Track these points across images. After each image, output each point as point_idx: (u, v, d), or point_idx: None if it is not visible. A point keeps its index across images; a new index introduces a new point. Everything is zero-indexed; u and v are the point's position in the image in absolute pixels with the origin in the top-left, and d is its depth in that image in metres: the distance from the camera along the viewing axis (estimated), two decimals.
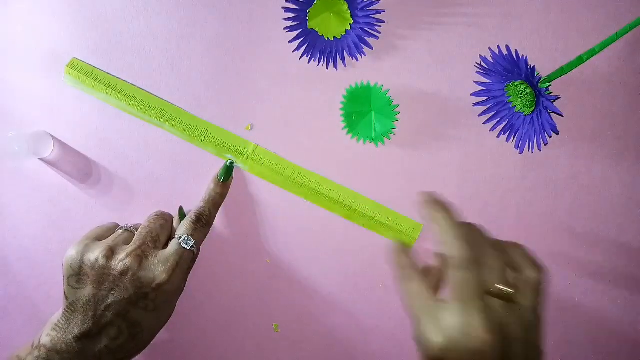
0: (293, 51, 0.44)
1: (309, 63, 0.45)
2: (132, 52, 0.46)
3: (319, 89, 0.45)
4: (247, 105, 0.46)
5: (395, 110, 0.44)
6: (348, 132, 0.44)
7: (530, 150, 0.43)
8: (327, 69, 0.45)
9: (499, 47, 0.41)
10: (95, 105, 0.47)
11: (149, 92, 0.46)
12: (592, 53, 0.41)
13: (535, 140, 0.41)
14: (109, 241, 0.41)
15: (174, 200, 0.47)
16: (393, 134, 0.45)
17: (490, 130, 0.44)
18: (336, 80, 0.45)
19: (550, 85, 0.40)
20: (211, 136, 0.46)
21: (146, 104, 0.46)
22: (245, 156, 0.46)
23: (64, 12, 0.47)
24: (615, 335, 0.45)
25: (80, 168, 0.48)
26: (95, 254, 0.39)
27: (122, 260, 0.38)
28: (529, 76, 0.37)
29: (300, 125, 0.46)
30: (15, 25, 0.47)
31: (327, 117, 0.45)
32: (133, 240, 0.41)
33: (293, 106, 0.46)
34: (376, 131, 0.44)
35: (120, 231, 0.42)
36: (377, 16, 0.42)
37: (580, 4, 0.43)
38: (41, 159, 0.48)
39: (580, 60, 0.40)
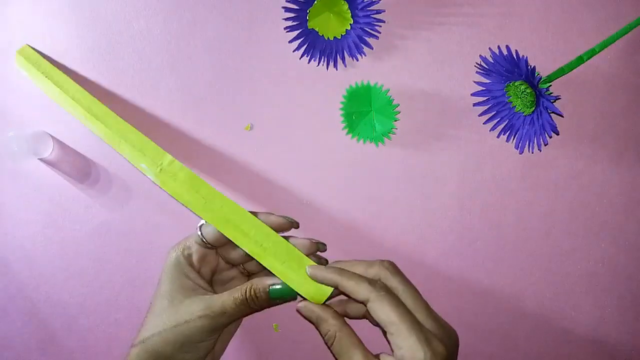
0: (293, 51, 0.44)
1: (309, 63, 0.45)
2: (132, 52, 0.46)
3: (319, 89, 0.45)
4: (247, 105, 0.46)
5: (395, 110, 0.44)
6: (348, 132, 0.44)
7: (530, 150, 0.43)
8: (327, 69, 0.45)
9: (499, 47, 0.41)
10: None
11: (82, 88, 0.44)
12: (592, 53, 0.41)
13: (535, 141, 0.41)
14: None
15: (172, 200, 0.47)
16: (393, 133, 0.45)
17: (490, 130, 0.44)
18: (336, 80, 0.45)
19: (550, 86, 0.40)
20: (130, 140, 0.42)
21: (77, 99, 0.44)
22: (158, 168, 0.41)
23: (64, 12, 0.47)
24: (615, 335, 0.45)
25: (79, 168, 0.48)
26: None
27: None
28: (529, 76, 0.37)
29: (300, 125, 0.46)
30: (15, 25, 0.47)
31: (327, 117, 0.45)
32: None
33: (293, 106, 0.46)
34: (376, 131, 0.44)
35: None
36: (377, 16, 0.42)
37: (580, 4, 0.43)
38: (41, 159, 0.48)
39: (580, 60, 0.40)
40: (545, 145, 0.44)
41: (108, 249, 0.48)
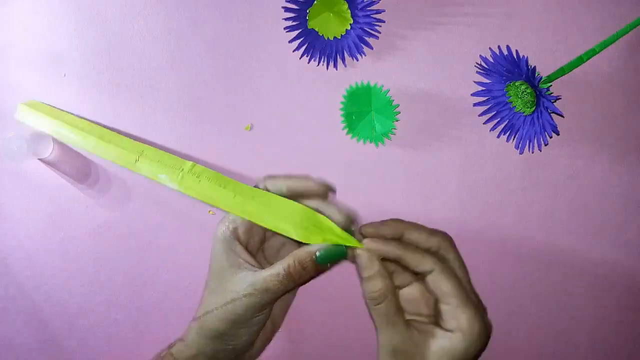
0: (293, 51, 0.44)
1: (309, 63, 0.45)
2: (132, 52, 0.46)
3: (319, 89, 0.45)
4: (247, 105, 0.46)
5: (395, 110, 0.44)
6: (348, 132, 0.44)
7: (531, 150, 0.43)
8: (327, 69, 0.45)
9: (499, 47, 0.41)
10: (92, 107, 0.47)
11: (89, 120, 0.46)
12: (592, 53, 0.41)
13: (535, 141, 0.41)
14: None
15: (172, 201, 0.47)
16: (393, 133, 0.45)
17: (490, 130, 0.44)
18: (336, 80, 0.45)
19: (550, 86, 0.40)
20: (147, 155, 0.43)
21: (87, 131, 0.45)
22: (180, 175, 0.41)
23: (64, 12, 0.47)
24: (615, 336, 0.45)
25: (79, 168, 0.48)
26: None
27: None
28: (530, 77, 0.37)
29: (300, 125, 0.46)
30: (15, 25, 0.47)
31: (327, 117, 0.45)
32: None
33: (293, 106, 0.46)
34: (376, 131, 0.44)
35: None
36: (377, 16, 0.42)
37: (581, 4, 0.43)
38: (40, 160, 0.48)
39: (580, 60, 0.40)
40: (545, 145, 0.44)
41: (108, 249, 0.48)
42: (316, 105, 0.45)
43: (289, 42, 0.44)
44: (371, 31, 0.43)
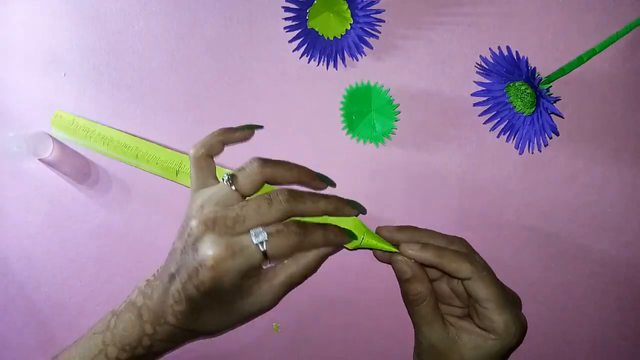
0: (293, 51, 0.44)
1: (308, 63, 0.45)
2: (132, 52, 0.46)
3: (319, 89, 0.45)
4: (247, 105, 0.46)
5: (396, 110, 0.44)
6: (348, 132, 0.44)
7: (530, 150, 0.43)
8: (327, 69, 0.45)
9: (499, 47, 0.41)
10: (92, 106, 0.47)
11: (123, 131, 0.46)
12: (592, 53, 0.41)
13: (535, 141, 0.41)
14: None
15: (172, 201, 0.47)
16: (393, 133, 0.45)
17: (490, 130, 0.44)
18: (336, 80, 0.45)
19: (550, 86, 0.40)
20: (185, 167, 0.44)
21: (122, 144, 0.45)
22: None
23: (64, 12, 0.47)
24: (615, 336, 0.45)
25: (79, 168, 0.48)
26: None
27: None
28: (530, 77, 0.37)
29: (300, 125, 0.46)
30: (15, 25, 0.47)
31: (327, 117, 0.45)
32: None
33: (293, 106, 0.46)
34: (376, 131, 0.44)
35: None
36: (377, 16, 0.42)
37: (580, 4, 0.43)
38: (40, 160, 0.48)
39: (580, 61, 0.40)
40: (545, 145, 0.44)
41: (108, 249, 0.48)
42: (316, 105, 0.45)
43: (289, 42, 0.44)
44: (371, 31, 0.43)
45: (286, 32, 0.43)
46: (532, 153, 0.44)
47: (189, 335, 0.35)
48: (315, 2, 0.42)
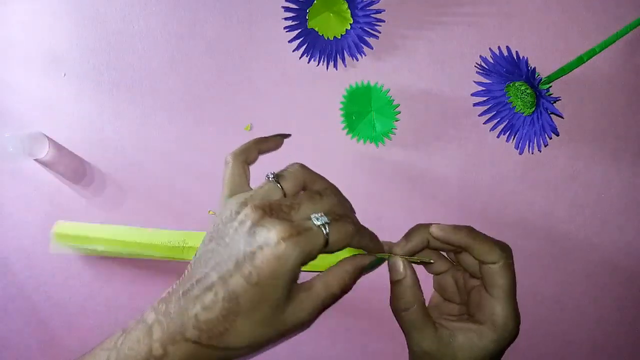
0: (293, 51, 0.44)
1: (308, 63, 0.45)
2: (132, 52, 0.46)
3: (319, 89, 0.45)
4: (247, 105, 0.46)
5: (396, 110, 0.44)
6: (348, 132, 0.44)
7: (530, 150, 0.43)
8: (327, 69, 0.45)
9: (499, 47, 0.41)
10: (92, 107, 0.47)
11: (125, 227, 0.47)
12: (592, 53, 0.41)
13: (535, 141, 0.41)
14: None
15: (171, 200, 0.47)
16: (393, 133, 0.45)
17: (490, 130, 0.44)
18: (336, 80, 0.45)
19: (550, 87, 0.40)
20: (188, 243, 0.45)
21: (125, 241, 0.46)
22: None
23: (64, 12, 0.47)
24: (615, 336, 0.45)
25: (74, 169, 0.48)
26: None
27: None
28: (530, 77, 0.37)
29: (300, 125, 0.46)
30: (15, 25, 0.47)
31: (327, 117, 0.45)
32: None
33: (293, 106, 0.46)
34: (376, 131, 0.44)
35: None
36: (377, 16, 0.42)
37: (580, 4, 0.43)
38: (36, 160, 0.47)
39: (580, 61, 0.40)
40: (545, 145, 0.44)
41: None
42: (316, 105, 0.45)
43: (289, 42, 0.44)
44: (371, 31, 0.43)
45: (286, 32, 0.43)
46: (532, 153, 0.44)
47: (206, 355, 0.31)
48: (315, 2, 0.42)
